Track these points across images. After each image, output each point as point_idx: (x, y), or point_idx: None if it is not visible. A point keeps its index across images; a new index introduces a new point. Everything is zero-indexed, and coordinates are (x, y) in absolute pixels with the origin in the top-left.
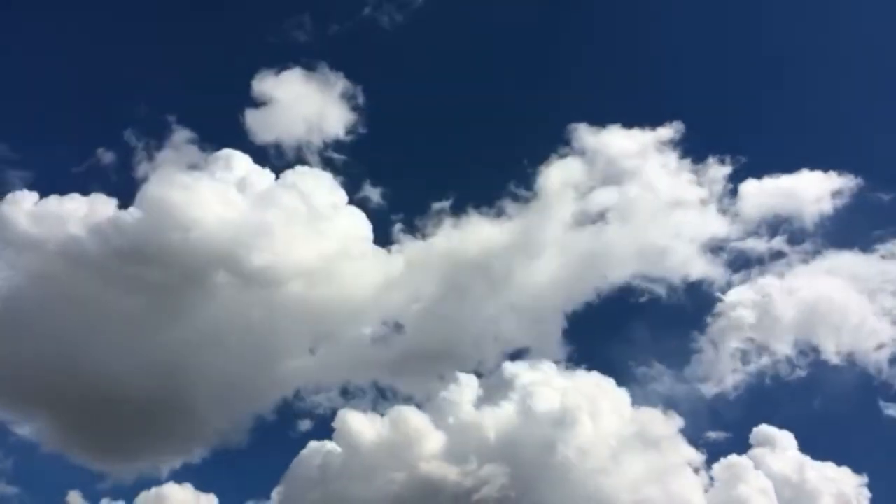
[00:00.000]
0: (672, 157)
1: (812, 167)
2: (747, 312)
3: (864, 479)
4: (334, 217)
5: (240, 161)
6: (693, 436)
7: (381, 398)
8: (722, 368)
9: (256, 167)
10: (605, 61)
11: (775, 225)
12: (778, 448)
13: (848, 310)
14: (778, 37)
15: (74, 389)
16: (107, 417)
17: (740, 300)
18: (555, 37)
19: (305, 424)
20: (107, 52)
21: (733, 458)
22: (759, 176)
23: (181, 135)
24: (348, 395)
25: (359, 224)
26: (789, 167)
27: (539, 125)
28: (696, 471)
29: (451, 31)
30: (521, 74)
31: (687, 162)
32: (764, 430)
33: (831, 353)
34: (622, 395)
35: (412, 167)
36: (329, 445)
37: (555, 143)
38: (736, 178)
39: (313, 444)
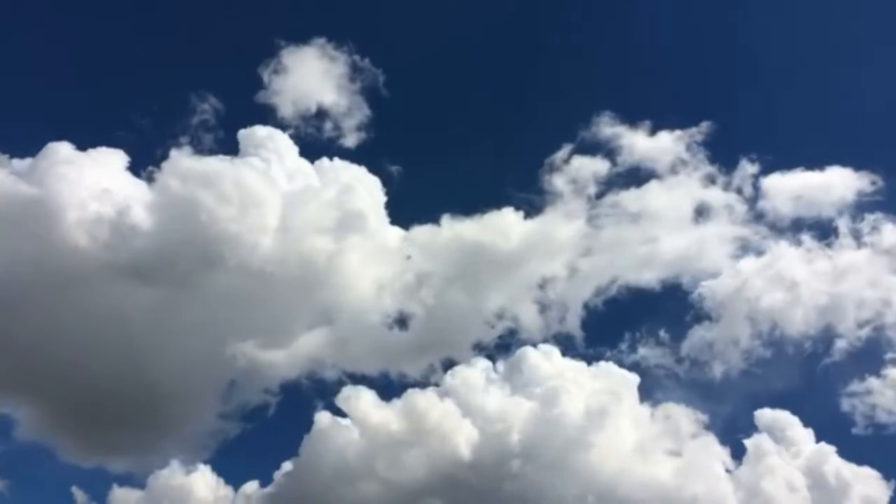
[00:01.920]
0: (698, 156)
1: (843, 164)
2: (761, 285)
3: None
4: (347, 204)
5: (256, 141)
6: (711, 428)
7: (391, 384)
8: (738, 361)
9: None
10: (629, 58)
11: (802, 223)
12: (792, 436)
13: (872, 287)
14: (808, 35)
15: (74, 383)
16: (107, 410)
17: (755, 271)
18: (578, 34)
19: (314, 409)
20: (117, 28)
21: (754, 448)
22: (785, 173)
23: (196, 114)
24: (357, 380)
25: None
26: (816, 164)
27: (562, 121)
28: (720, 464)
29: (474, 21)
30: (546, 69)
31: (713, 159)
32: (786, 419)
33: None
34: (639, 388)
35: (430, 155)
36: (339, 430)
37: (577, 139)
38: (762, 176)
39: (322, 429)
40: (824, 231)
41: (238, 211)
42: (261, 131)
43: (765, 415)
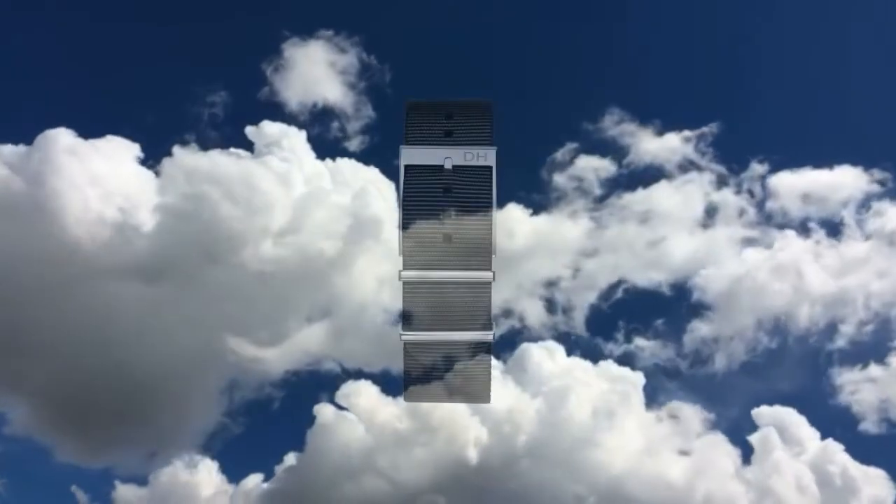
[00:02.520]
0: (707, 157)
1: (852, 163)
2: (767, 279)
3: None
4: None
5: (267, 139)
6: (718, 426)
7: (393, 380)
8: (742, 355)
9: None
10: (636, 57)
11: (811, 222)
12: (799, 433)
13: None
14: (816, 34)
15: (73, 381)
16: (107, 408)
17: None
18: (585, 31)
19: (318, 404)
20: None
21: (762, 445)
22: (794, 171)
23: (204, 107)
24: (359, 376)
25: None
26: (825, 163)
27: (568, 119)
28: (730, 462)
29: (479, 17)
30: (552, 66)
31: (722, 159)
32: (794, 416)
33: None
34: (644, 387)
35: None
36: (343, 425)
37: (583, 138)
38: (771, 175)
39: (326, 423)
40: (833, 228)
41: (248, 209)
42: (270, 127)
43: (771, 412)
